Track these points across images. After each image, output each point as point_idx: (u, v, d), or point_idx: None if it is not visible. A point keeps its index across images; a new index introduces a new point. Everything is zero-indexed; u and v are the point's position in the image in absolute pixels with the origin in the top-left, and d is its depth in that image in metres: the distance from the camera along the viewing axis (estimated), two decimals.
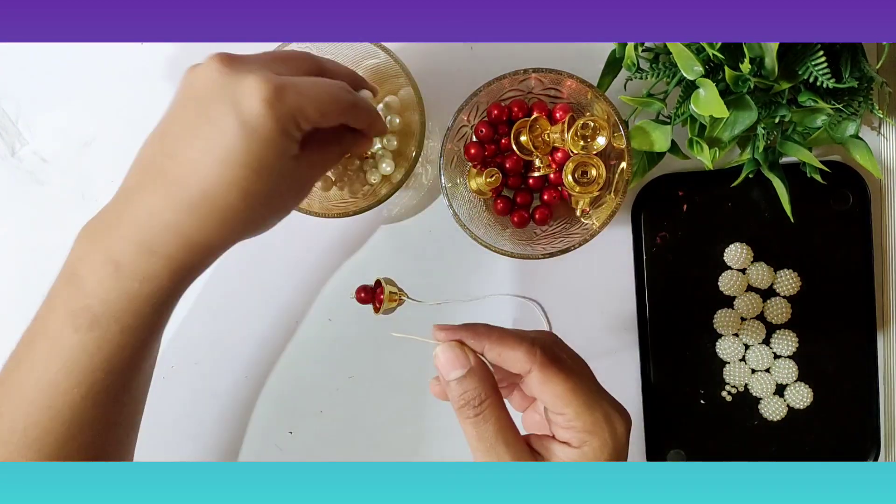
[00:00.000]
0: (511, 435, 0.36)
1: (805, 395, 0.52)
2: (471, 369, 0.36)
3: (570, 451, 0.36)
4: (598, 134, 0.47)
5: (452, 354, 0.36)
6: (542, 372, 0.35)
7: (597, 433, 0.35)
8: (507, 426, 0.36)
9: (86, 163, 0.53)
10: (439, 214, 0.53)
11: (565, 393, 0.35)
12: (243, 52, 0.47)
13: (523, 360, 0.36)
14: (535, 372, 0.36)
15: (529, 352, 0.36)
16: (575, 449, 0.35)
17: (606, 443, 0.36)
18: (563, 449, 0.36)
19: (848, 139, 0.46)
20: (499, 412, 0.36)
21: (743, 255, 0.52)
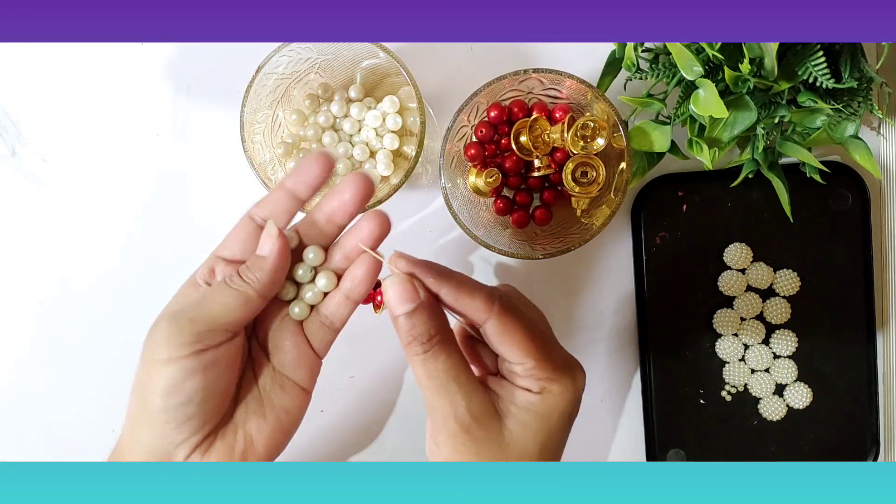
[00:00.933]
0: (464, 374, 0.35)
1: (805, 395, 0.52)
2: (420, 304, 0.34)
3: (531, 395, 0.35)
4: (597, 134, 0.47)
5: (402, 288, 0.34)
6: (500, 321, 0.35)
7: (557, 380, 0.35)
8: (459, 364, 0.35)
9: (86, 163, 0.53)
10: (439, 214, 0.53)
11: (524, 342, 0.35)
12: (243, 52, 0.48)
13: (481, 309, 0.35)
14: (492, 321, 0.35)
15: (487, 300, 0.35)
16: (535, 394, 0.35)
17: (567, 389, 0.36)
18: (524, 394, 0.35)
19: (847, 139, 0.46)
20: (449, 349, 0.35)
21: (742, 255, 0.52)
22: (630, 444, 0.54)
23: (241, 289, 0.34)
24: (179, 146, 0.53)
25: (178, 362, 0.33)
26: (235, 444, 0.36)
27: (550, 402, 0.35)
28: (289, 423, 0.37)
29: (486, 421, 0.35)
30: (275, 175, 0.48)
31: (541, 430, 0.35)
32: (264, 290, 0.35)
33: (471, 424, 0.34)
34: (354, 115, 0.49)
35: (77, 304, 0.54)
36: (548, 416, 0.35)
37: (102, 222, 0.53)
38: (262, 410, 0.37)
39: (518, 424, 0.35)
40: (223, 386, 0.35)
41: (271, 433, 0.36)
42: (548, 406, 0.35)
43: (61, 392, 0.55)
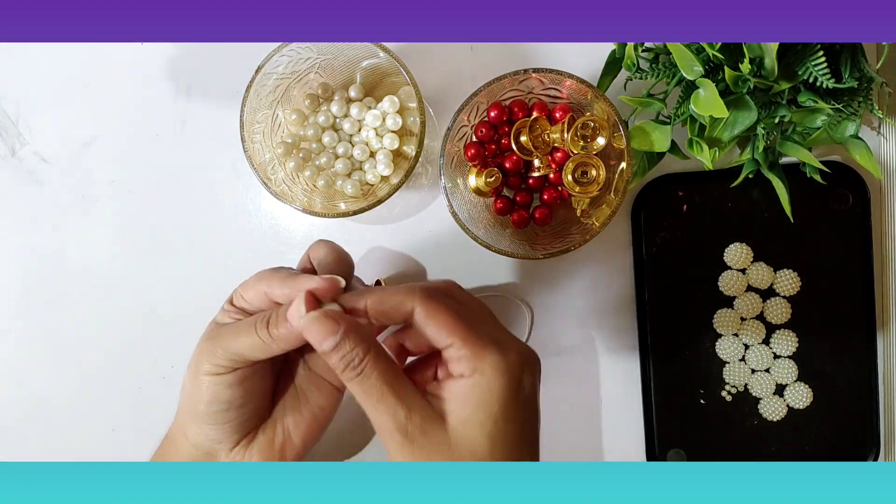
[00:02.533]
0: (399, 385, 0.35)
1: (805, 395, 0.52)
2: (344, 331, 0.35)
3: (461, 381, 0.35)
4: (598, 134, 0.47)
5: (320, 326, 0.35)
6: (425, 306, 0.35)
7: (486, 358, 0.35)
8: (393, 377, 0.35)
9: (86, 163, 0.53)
10: (439, 214, 0.53)
11: (449, 322, 0.35)
12: (243, 52, 0.48)
13: (405, 302, 0.36)
14: (417, 308, 0.35)
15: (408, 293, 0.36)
16: (467, 378, 0.35)
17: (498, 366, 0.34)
18: (458, 382, 0.35)
19: (848, 139, 0.46)
20: (382, 364, 0.35)
21: (743, 255, 0.52)
22: (630, 444, 0.54)
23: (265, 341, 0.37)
24: (179, 146, 0.53)
25: (218, 377, 0.37)
26: (275, 437, 0.40)
27: (483, 384, 0.34)
28: (323, 418, 0.41)
29: (427, 426, 0.35)
30: (275, 175, 0.48)
31: (484, 421, 0.34)
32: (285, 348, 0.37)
33: (413, 432, 0.34)
34: (354, 115, 0.49)
35: (77, 303, 0.54)
36: (487, 402, 0.34)
37: (102, 222, 0.53)
38: (299, 407, 0.41)
39: (459, 421, 0.35)
40: (258, 393, 0.39)
41: (307, 427, 0.40)
42: (482, 389, 0.34)
43: (61, 392, 0.55)
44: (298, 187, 0.49)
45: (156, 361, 0.54)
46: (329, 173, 0.49)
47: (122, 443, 0.54)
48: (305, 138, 0.50)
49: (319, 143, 0.50)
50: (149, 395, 0.54)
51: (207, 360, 0.37)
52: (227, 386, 0.37)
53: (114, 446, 0.55)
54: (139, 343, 0.54)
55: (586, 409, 0.54)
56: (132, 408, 0.54)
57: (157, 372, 0.54)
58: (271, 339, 0.37)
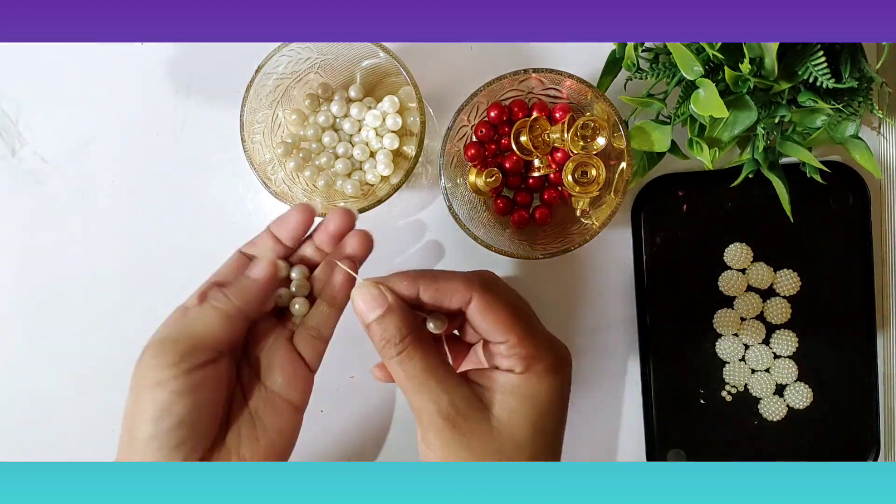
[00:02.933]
0: (442, 369, 0.35)
1: (805, 395, 0.52)
2: (389, 307, 0.35)
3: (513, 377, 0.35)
4: (598, 134, 0.47)
5: (369, 294, 0.35)
6: (483, 298, 0.35)
7: (541, 358, 0.35)
8: (436, 361, 0.35)
9: (86, 163, 0.53)
10: (439, 214, 0.53)
11: (507, 318, 0.35)
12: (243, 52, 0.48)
13: (462, 290, 0.35)
14: (475, 300, 0.35)
15: (467, 281, 0.35)
16: (519, 374, 0.35)
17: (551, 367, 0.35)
18: (507, 376, 0.35)
19: (848, 139, 0.46)
20: (424, 347, 0.35)
21: (743, 255, 0.52)
22: (630, 444, 0.54)
23: (224, 307, 0.35)
24: (179, 146, 0.53)
25: (165, 385, 0.33)
26: None
27: (535, 383, 0.35)
28: (282, 446, 0.37)
29: (471, 412, 0.35)
30: (275, 175, 0.48)
31: (529, 413, 0.35)
32: (246, 307, 0.36)
33: (456, 418, 0.34)
34: (354, 115, 0.49)
35: (77, 303, 0.54)
36: (534, 397, 0.35)
37: (102, 222, 0.53)
38: (255, 434, 0.37)
39: (504, 411, 0.35)
40: (212, 408, 0.35)
41: (265, 456, 0.37)
42: (533, 387, 0.35)
43: (61, 392, 0.55)
44: (298, 187, 0.49)
45: None
46: (329, 173, 0.49)
47: None
48: (305, 138, 0.50)
49: (319, 143, 0.50)
50: None
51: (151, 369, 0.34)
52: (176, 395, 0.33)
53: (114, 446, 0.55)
54: (139, 343, 0.54)
55: (586, 409, 0.54)
56: None
57: None
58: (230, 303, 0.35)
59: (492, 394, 0.35)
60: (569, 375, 0.37)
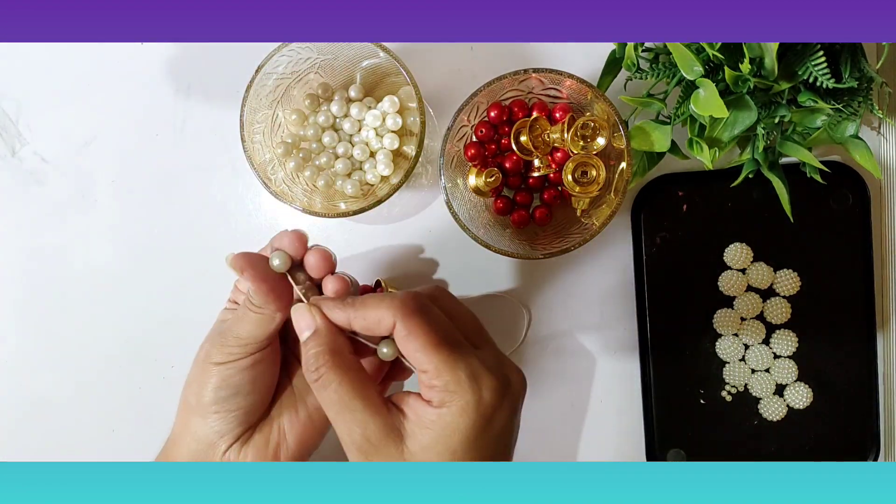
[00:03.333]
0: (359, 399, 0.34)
1: (805, 395, 0.52)
2: (315, 331, 0.35)
3: (429, 409, 0.34)
4: (598, 134, 0.47)
5: (299, 315, 0.36)
6: (405, 323, 0.34)
7: (458, 394, 0.33)
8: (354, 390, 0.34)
9: (86, 163, 0.53)
10: (439, 214, 0.53)
11: (427, 347, 0.33)
12: (243, 52, 0.48)
13: (386, 315, 0.34)
14: (397, 325, 0.34)
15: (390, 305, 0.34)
16: (434, 409, 0.33)
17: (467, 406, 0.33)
18: (425, 408, 0.34)
19: (848, 139, 0.46)
20: (342, 375, 0.34)
21: (743, 255, 0.52)
22: (630, 444, 0.54)
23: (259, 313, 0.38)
24: (179, 146, 0.53)
25: (229, 364, 0.38)
26: (270, 437, 0.40)
27: (449, 420, 0.33)
28: (319, 420, 0.41)
29: (384, 445, 0.34)
30: (274, 175, 0.48)
31: (441, 452, 0.33)
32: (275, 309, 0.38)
33: (368, 450, 0.34)
34: (354, 115, 0.49)
35: (77, 303, 0.54)
36: (448, 436, 0.33)
37: (102, 222, 0.53)
38: (296, 407, 0.41)
39: (418, 446, 0.34)
40: (265, 382, 0.40)
41: (303, 428, 0.41)
42: (446, 424, 0.33)
43: (61, 392, 0.55)
44: (298, 187, 0.49)
45: (156, 361, 0.54)
46: (329, 173, 0.49)
47: (122, 443, 0.54)
48: (305, 138, 0.50)
49: (319, 143, 0.50)
50: (149, 395, 0.54)
51: (218, 352, 0.38)
52: (237, 370, 0.38)
53: (114, 446, 0.55)
54: (139, 343, 0.54)
55: (586, 408, 0.54)
56: (132, 408, 0.54)
57: (157, 372, 0.54)
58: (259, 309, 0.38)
59: (409, 424, 0.34)
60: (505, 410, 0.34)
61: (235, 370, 0.38)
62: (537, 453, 0.53)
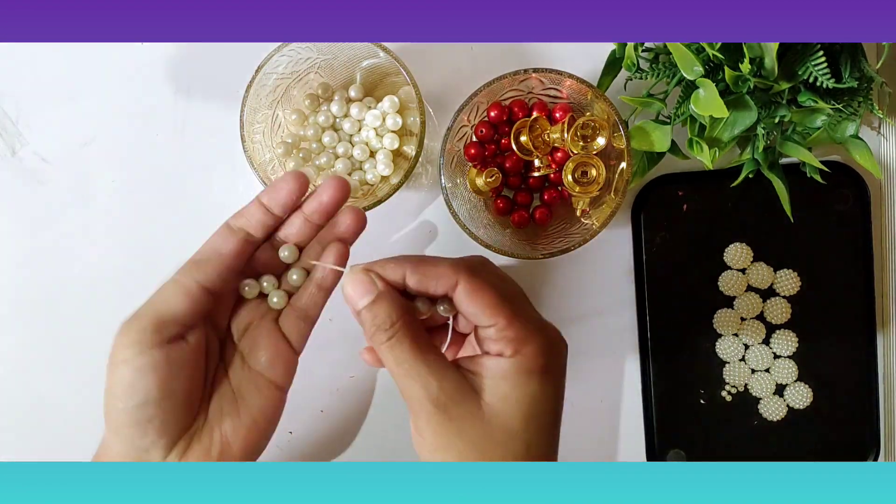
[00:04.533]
0: (431, 355, 0.34)
1: (805, 395, 0.52)
2: (379, 293, 0.35)
3: (503, 361, 0.34)
4: (598, 134, 0.47)
5: (359, 281, 0.35)
6: (469, 282, 0.34)
7: (531, 339, 0.34)
8: (426, 346, 0.34)
9: (86, 163, 0.53)
10: (439, 214, 0.53)
11: (494, 302, 0.34)
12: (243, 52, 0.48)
13: (448, 274, 0.35)
14: (461, 284, 0.35)
15: (453, 266, 0.35)
16: (509, 358, 0.34)
17: (541, 349, 0.34)
18: (497, 361, 0.34)
19: (848, 139, 0.46)
20: (414, 332, 0.34)
21: (743, 255, 0.52)
22: (630, 444, 0.54)
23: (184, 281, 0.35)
24: (179, 146, 0.53)
25: (130, 362, 0.34)
26: (211, 446, 0.36)
27: (526, 366, 0.34)
28: (265, 424, 0.37)
29: (461, 398, 0.34)
30: (275, 175, 0.48)
31: (521, 399, 0.34)
32: (207, 281, 0.35)
33: (446, 403, 0.34)
34: (354, 115, 0.49)
35: (77, 303, 0.54)
36: (526, 382, 0.34)
37: (102, 222, 0.53)
38: (237, 411, 0.37)
39: (495, 397, 0.34)
40: (184, 384, 0.35)
41: (247, 434, 0.37)
42: (524, 370, 0.34)
43: (61, 392, 0.55)
44: None
45: None
46: (329, 173, 0.49)
47: None
48: (305, 138, 0.50)
49: (319, 143, 0.50)
50: None
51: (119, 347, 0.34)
52: (140, 372, 0.33)
53: None
54: None
55: (586, 409, 0.54)
56: None
57: None
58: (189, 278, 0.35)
59: (482, 380, 0.35)
60: (562, 359, 0.36)
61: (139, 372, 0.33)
62: None
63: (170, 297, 0.35)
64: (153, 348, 0.34)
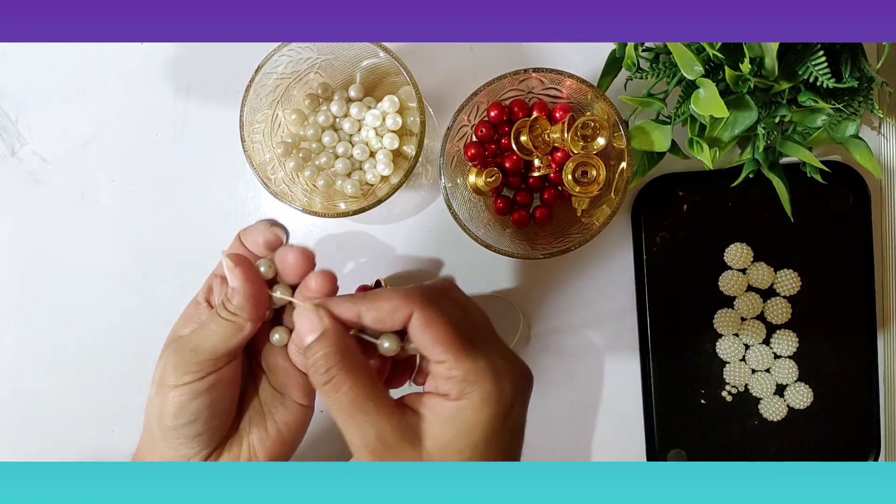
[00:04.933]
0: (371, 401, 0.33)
1: (805, 395, 0.52)
2: (323, 332, 0.33)
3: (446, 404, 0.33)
4: (598, 134, 0.47)
5: (306, 317, 0.34)
6: (423, 313, 0.33)
7: (478, 384, 0.32)
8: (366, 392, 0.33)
9: (86, 163, 0.53)
10: (439, 214, 0.53)
11: (445, 337, 0.32)
12: (243, 52, 0.48)
13: (402, 306, 0.33)
14: (415, 314, 0.33)
15: (408, 296, 0.33)
16: (452, 402, 0.32)
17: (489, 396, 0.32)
18: (440, 402, 0.33)
19: (848, 139, 0.46)
20: (355, 376, 0.33)
21: (743, 255, 0.52)
22: (630, 444, 0.54)
23: (231, 319, 0.36)
24: (179, 146, 0.53)
25: (184, 387, 0.36)
26: (240, 454, 0.38)
27: (470, 413, 0.32)
28: (290, 436, 0.39)
29: (399, 447, 0.32)
30: (274, 175, 0.48)
31: (463, 449, 0.32)
32: (250, 316, 0.36)
33: (383, 453, 0.32)
34: (354, 115, 0.49)
35: (77, 303, 0.54)
36: (469, 430, 0.32)
37: (102, 222, 0.53)
38: (264, 423, 0.39)
39: (436, 444, 0.33)
40: (226, 403, 0.37)
41: (272, 445, 0.38)
42: (466, 417, 0.32)
43: (61, 391, 0.55)
44: (298, 187, 0.49)
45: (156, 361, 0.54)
46: (329, 173, 0.49)
47: (122, 443, 0.54)
48: (305, 138, 0.50)
49: (319, 142, 0.50)
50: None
51: (173, 372, 0.36)
52: (192, 396, 0.35)
53: (114, 446, 0.55)
54: (139, 343, 0.54)
55: (586, 409, 0.54)
56: (132, 408, 0.54)
57: None
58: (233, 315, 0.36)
59: (425, 424, 0.33)
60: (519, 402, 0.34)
61: (190, 396, 0.35)
62: (538, 453, 0.53)
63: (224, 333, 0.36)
64: (206, 376, 0.36)
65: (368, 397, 0.33)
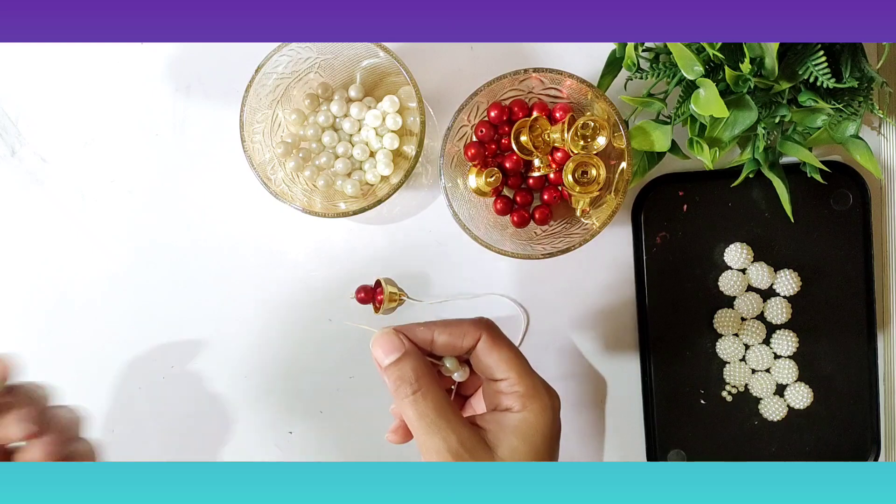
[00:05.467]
0: (451, 411, 0.37)
1: (805, 395, 0.52)
2: (405, 352, 0.38)
3: (512, 415, 0.38)
4: (598, 134, 0.47)
5: (387, 339, 0.38)
6: (491, 336, 0.39)
7: (537, 397, 0.38)
8: (445, 403, 0.38)
9: (86, 163, 0.53)
10: (439, 214, 0.53)
11: (511, 357, 0.38)
12: (243, 52, 0.48)
13: (473, 330, 0.39)
14: (484, 337, 0.39)
15: (477, 322, 0.39)
16: (517, 413, 0.38)
17: (546, 407, 0.38)
18: (506, 415, 0.38)
19: (848, 139, 0.46)
20: (435, 390, 0.38)
21: (743, 255, 0.52)
22: (630, 444, 0.54)
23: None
24: (179, 146, 0.53)
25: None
26: None
27: (532, 422, 0.37)
28: None
29: (478, 453, 0.37)
30: (274, 175, 0.48)
31: (528, 451, 0.37)
32: None
33: (464, 456, 0.36)
34: (354, 115, 0.49)
35: (77, 303, 0.54)
36: (532, 436, 0.37)
37: (102, 222, 0.53)
38: None
39: (507, 449, 0.37)
40: None
41: None
42: (530, 426, 0.37)
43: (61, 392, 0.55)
44: (298, 187, 0.49)
45: (156, 361, 0.54)
46: (329, 173, 0.49)
47: (123, 443, 0.54)
48: (305, 138, 0.50)
49: (319, 142, 0.50)
50: (149, 395, 0.54)
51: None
52: None
53: (114, 446, 0.55)
54: (139, 343, 0.54)
55: (586, 409, 0.54)
56: (132, 408, 0.54)
57: (157, 372, 0.54)
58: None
59: (494, 435, 0.37)
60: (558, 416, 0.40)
61: None
62: None
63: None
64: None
65: (448, 408, 0.38)
